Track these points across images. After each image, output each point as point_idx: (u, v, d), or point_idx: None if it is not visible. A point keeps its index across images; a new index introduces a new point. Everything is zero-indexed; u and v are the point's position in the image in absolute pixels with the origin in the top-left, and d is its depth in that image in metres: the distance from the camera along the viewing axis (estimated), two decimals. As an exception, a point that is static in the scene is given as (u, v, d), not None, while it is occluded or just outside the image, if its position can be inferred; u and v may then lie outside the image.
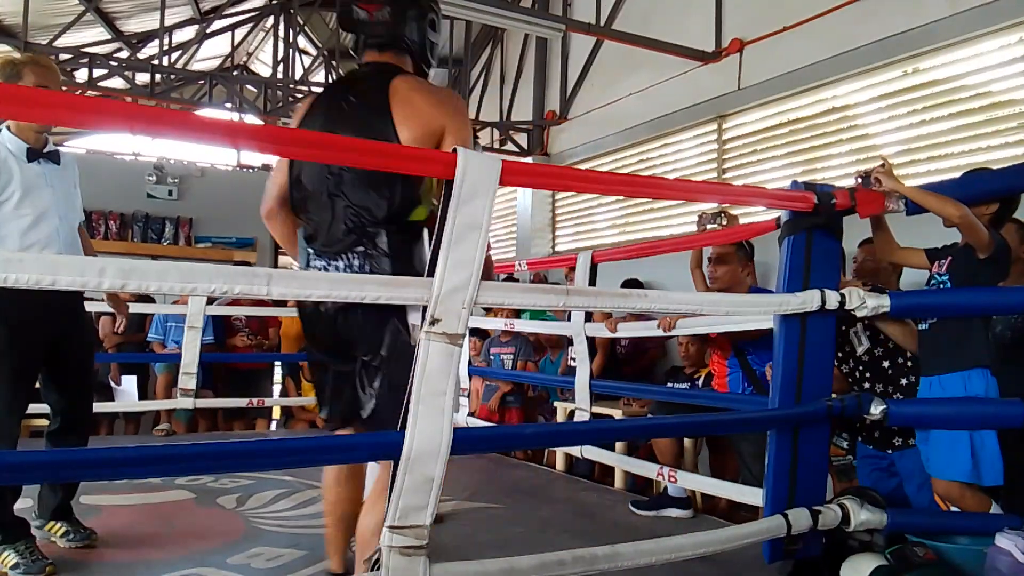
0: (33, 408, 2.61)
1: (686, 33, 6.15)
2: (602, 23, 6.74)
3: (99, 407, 5.10)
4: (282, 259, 10.60)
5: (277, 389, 6.12)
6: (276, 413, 6.10)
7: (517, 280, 5.71)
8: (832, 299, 2.28)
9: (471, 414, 4.78)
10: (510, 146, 9.02)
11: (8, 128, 2.55)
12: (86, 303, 2.87)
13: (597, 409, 3.92)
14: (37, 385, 2.66)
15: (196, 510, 3.08)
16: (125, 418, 5.55)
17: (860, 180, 2.39)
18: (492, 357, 5.23)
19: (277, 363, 6.14)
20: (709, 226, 3.13)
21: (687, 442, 3.65)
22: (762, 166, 5.69)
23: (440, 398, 1.87)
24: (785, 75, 5.36)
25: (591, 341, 3.86)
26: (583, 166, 7.92)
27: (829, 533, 2.26)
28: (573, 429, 2.85)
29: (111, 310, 3.14)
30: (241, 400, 4.96)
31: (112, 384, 5.34)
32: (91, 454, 2.41)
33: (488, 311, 5.04)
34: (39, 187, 2.50)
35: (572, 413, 3.92)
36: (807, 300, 2.25)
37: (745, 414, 2.81)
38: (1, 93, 2.25)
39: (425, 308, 1.84)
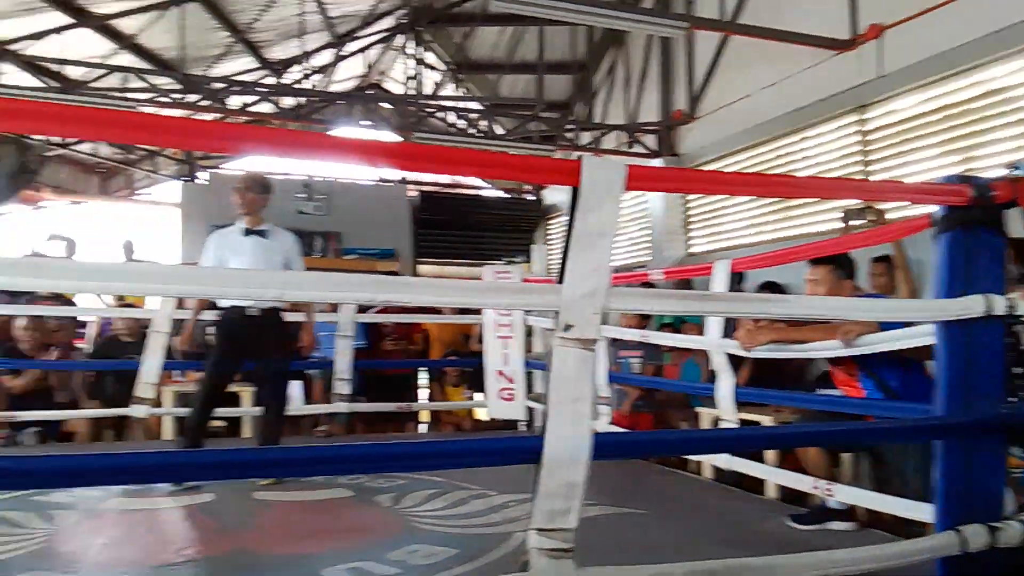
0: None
1: (818, 21, 5.91)
2: (728, 18, 6.59)
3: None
4: (421, 268, 11.04)
5: (424, 394, 6.39)
6: (424, 416, 6.36)
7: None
8: (999, 305, 2.08)
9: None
10: (638, 148, 8.95)
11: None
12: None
13: (744, 415, 3.79)
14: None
15: (356, 507, 3.29)
16: (288, 420, 5.96)
17: (1013, 170, 2.21)
18: (621, 361, 5.23)
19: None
20: (853, 222, 3.00)
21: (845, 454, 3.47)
22: (913, 156, 5.36)
23: (577, 404, 1.91)
24: (932, 58, 5.05)
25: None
26: (715, 165, 7.75)
27: (1012, 552, 2.10)
28: (717, 436, 2.82)
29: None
30: (391, 404, 5.24)
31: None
32: (270, 454, 2.65)
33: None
34: (245, 253, 3.62)
35: (716, 419, 3.82)
36: (968, 307, 2.08)
37: (909, 422, 2.65)
38: (162, 124, 2.55)
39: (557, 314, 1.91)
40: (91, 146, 11.76)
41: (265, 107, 9.89)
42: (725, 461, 3.55)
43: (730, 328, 3.56)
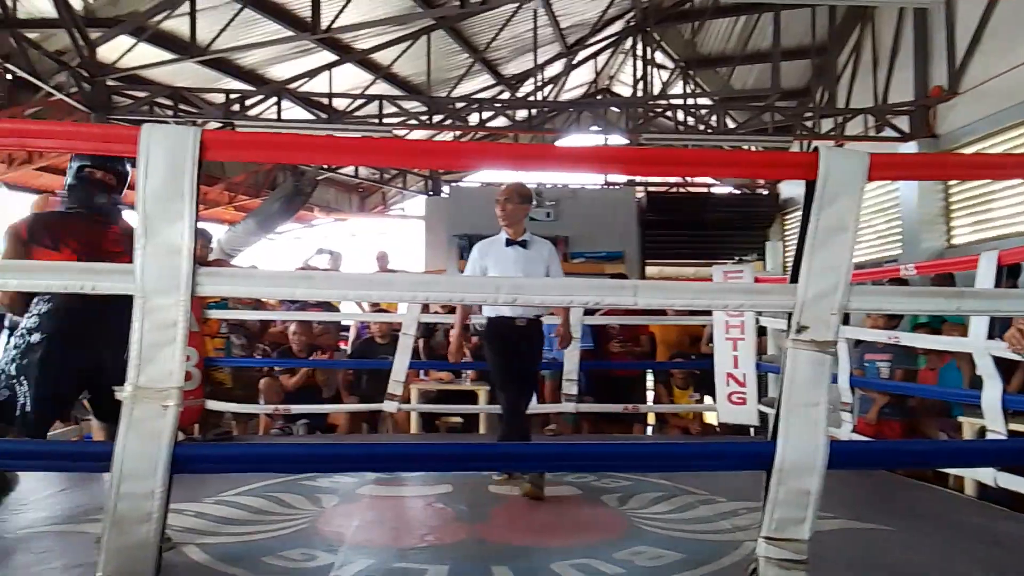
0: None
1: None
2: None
3: (497, 409, 5.81)
4: (649, 269, 10.97)
5: (650, 396, 6.32)
6: (651, 419, 6.30)
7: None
8: None
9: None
10: (889, 132, 8.16)
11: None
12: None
13: (1016, 426, 3.34)
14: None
15: (582, 505, 3.34)
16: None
17: None
18: (866, 365, 4.79)
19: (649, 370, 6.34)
20: None
21: None
22: None
23: (812, 409, 1.80)
24: None
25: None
26: (981, 145, 6.86)
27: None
28: (980, 448, 2.50)
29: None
30: (617, 405, 5.26)
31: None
32: (503, 449, 2.79)
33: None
34: (507, 264, 3.68)
35: (982, 430, 3.39)
36: None
37: None
38: (409, 148, 2.78)
39: (790, 315, 1.80)
40: (352, 168, 13.13)
41: (500, 121, 10.41)
42: (992, 476, 3.13)
43: (1001, 328, 3.12)
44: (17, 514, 2.96)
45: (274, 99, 8.83)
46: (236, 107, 8.63)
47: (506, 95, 11.42)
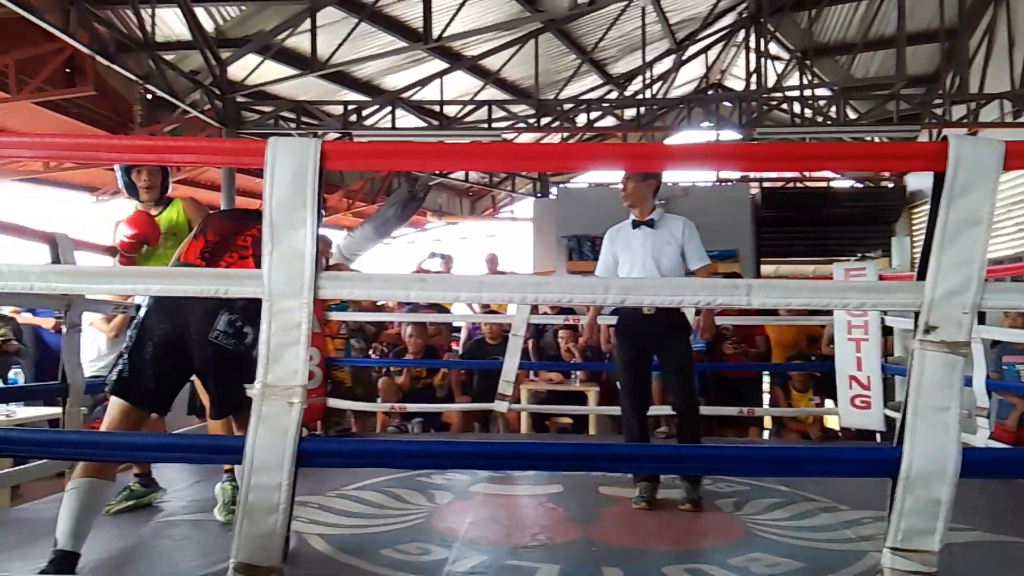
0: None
1: None
2: None
3: (610, 411, 5.78)
4: (765, 268, 10.61)
5: (766, 399, 6.12)
6: (767, 422, 6.10)
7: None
8: None
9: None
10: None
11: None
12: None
13: None
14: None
15: (695, 509, 3.27)
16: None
17: None
18: (1005, 368, 4.45)
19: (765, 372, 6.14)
20: None
21: None
22: None
23: (942, 414, 1.71)
24: None
25: None
26: None
27: None
28: None
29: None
30: (732, 408, 5.12)
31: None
32: (612, 449, 2.78)
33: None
34: (634, 247, 3.48)
35: None
36: None
37: None
38: (518, 151, 2.81)
39: (917, 315, 1.71)
40: (463, 173, 13.40)
41: (608, 121, 10.35)
42: None
43: None
44: (158, 503, 3.20)
45: (388, 108, 9.15)
46: (353, 117, 9.00)
47: (614, 94, 11.34)
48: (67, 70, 7.19)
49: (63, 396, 3.29)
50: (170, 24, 7.43)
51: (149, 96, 7.62)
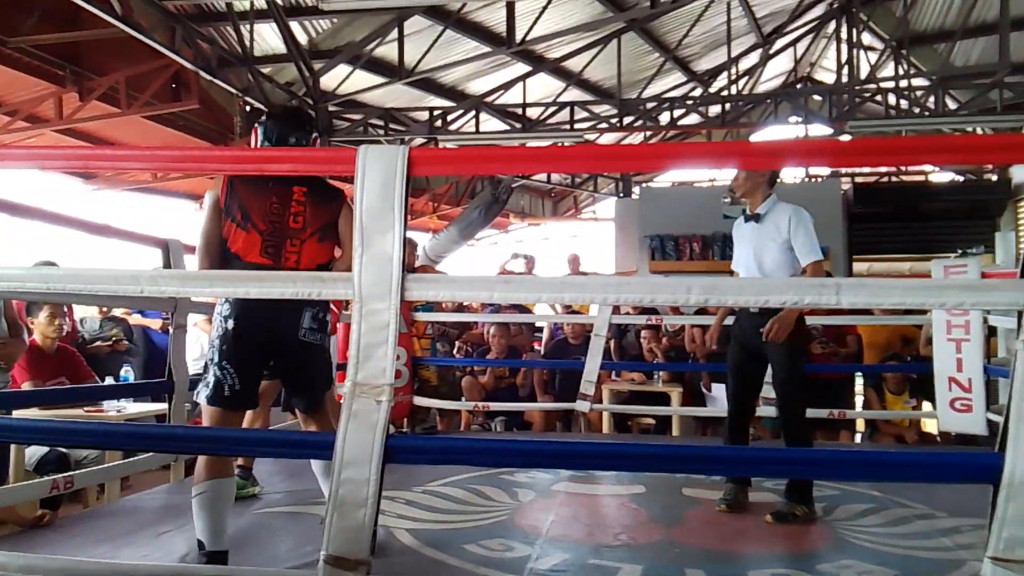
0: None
1: None
2: None
3: (693, 411, 5.72)
4: (857, 266, 10.22)
5: (859, 401, 5.90)
6: (860, 425, 5.88)
7: None
8: None
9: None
10: None
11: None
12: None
13: None
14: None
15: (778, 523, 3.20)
16: (715, 423, 6.05)
17: None
18: None
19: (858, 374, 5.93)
20: None
21: None
22: None
23: (1048, 417, 1.63)
24: None
25: None
26: None
27: None
28: None
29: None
30: (822, 411, 4.97)
31: (704, 391, 5.90)
32: (697, 451, 2.76)
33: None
34: (744, 241, 3.35)
35: None
36: None
37: None
38: (601, 152, 2.78)
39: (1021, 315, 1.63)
40: (545, 175, 13.44)
41: (692, 118, 10.18)
42: None
43: None
44: (254, 496, 3.37)
45: (472, 112, 9.28)
46: (439, 123, 9.17)
47: (698, 92, 11.15)
48: (173, 85, 7.61)
49: (169, 393, 3.51)
50: (267, 39, 7.76)
51: (248, 108, 7.98)
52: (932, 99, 8.52)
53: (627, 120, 9.28)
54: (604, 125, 9.51)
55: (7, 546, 2.41)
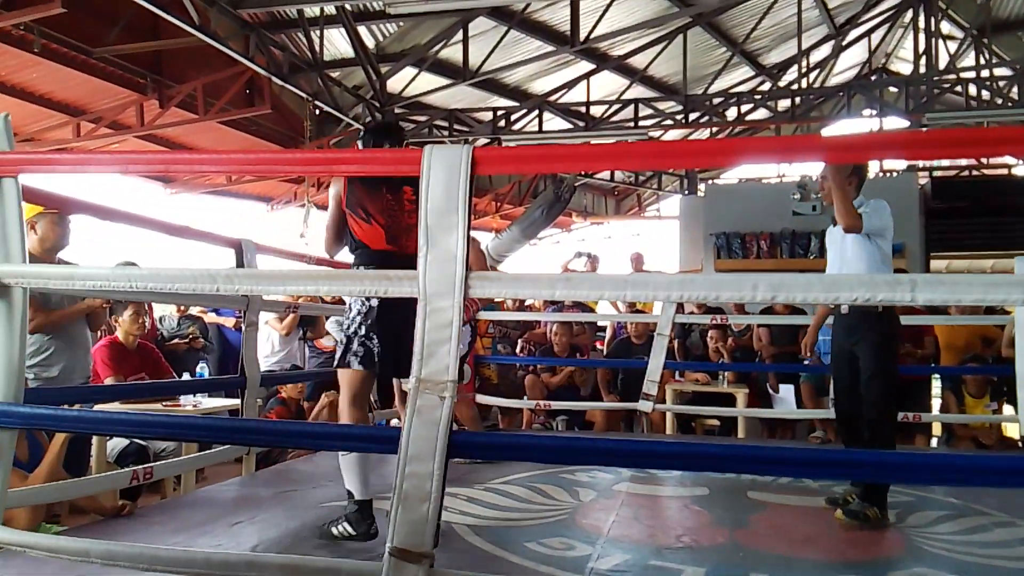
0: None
1: None
2: None
3: (759, 413, 5.61)
4: (935, 263, 9.83)
5: (937, 403, 5.69)
6: (936, 430, 5.67)
7: None
8: None
9: None
10: None
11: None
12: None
13: None
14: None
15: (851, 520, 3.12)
16: (781, 425, 5.92)
17: None
18: None
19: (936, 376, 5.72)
20: None
21: None
22: None
23: None
24: None
25: None
26: None
27: None
28: None
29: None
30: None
31: (771, 392, 5.78)
32: (756, 452, 2.71)
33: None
34: (833, 245, 3.37)
35: None
36: None
37: None
38: (667, 149, 2.74)
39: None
40: (608, 173, 13.36)
41: (761, 113, 9.98)
42: None
43: None
44: (321, 488, 3.46)
45: (536, 112, 9.30)
46: (502, 123, 9.23)
47: (767, 86, 10.91)
48: (247, 91, 7.88)
49: (242, 388, 3.64)
50: (336, 44, 7.96)
51: (318, 112, 8.20)
52: (1016, 89, 8.14)
53: (692, 116, 9.15)
54: (669, 122, 9.40)
55: (89, 534, 2.54)
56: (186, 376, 4.88)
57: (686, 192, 12.65)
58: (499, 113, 9.27)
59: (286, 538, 2.69)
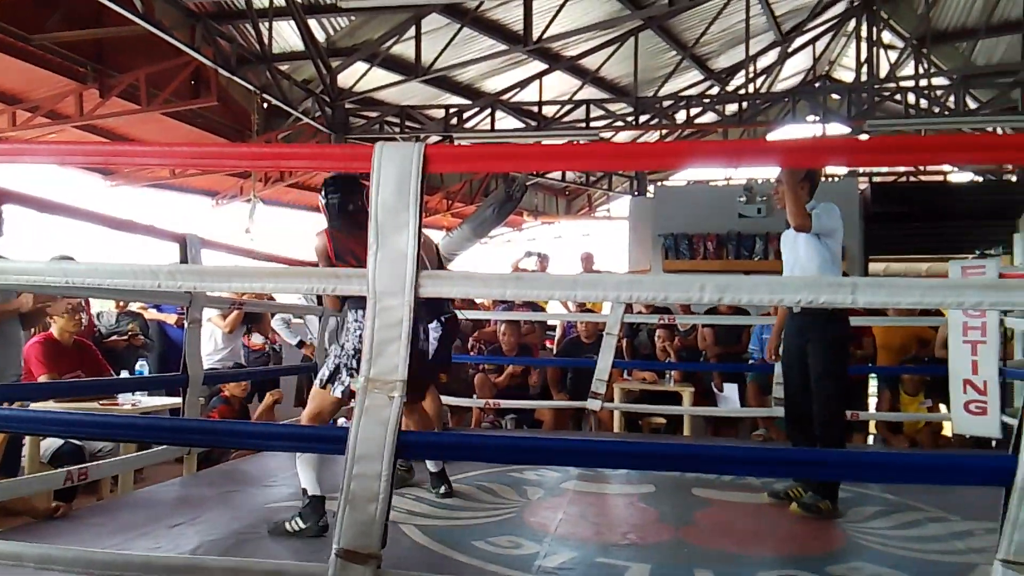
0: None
1: None
2: None
3: (704, 411, 5.71)
4: (873, 266, 10.14)
5: (872, 403, 5.86)
6: (872, 427, 5.85)
7: None
8: None
9: None
10: None
11: None
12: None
13: None
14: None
15: (792, 515, 3.19)
16: (725, 423, 6.03)
17: None
18: None
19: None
20: None
21: None
22: None
23: (1065, 421, 1.62)
24: None
25: None
26: None
27: None
28: None
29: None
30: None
31: (716, 391, 5.89)
32: (707, 451, 2.76)
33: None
34: (787, 249, 3.44)
35: None
36: None
37: None
38: (617, 151, 2.75)
39: None
40: (559, 173, 13.42)
41: (709, 117, 10.14)
42: None
43: None
44: (267, 488, 3.40)
45: (488, 111, 9.29)
46: (454, 120, 9.19)
47: (715, 90, 11.10)
48: (192, 83, 7.68)
49: (184, 386, 3.55)
50: (285, 37, 7.81)
51: (265, 105, 8.03)
52: (953, 98, 8.44)
53: (643, 118, 9.26)
54: (620, 123, 9.49)
55: (22, 537, 2.44)
56: (125, 374, 4.73)
57: (636, 193, 12.81)
58: (451, 111, 9.24)
59: (229, 540, 2.63)
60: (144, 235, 3.36)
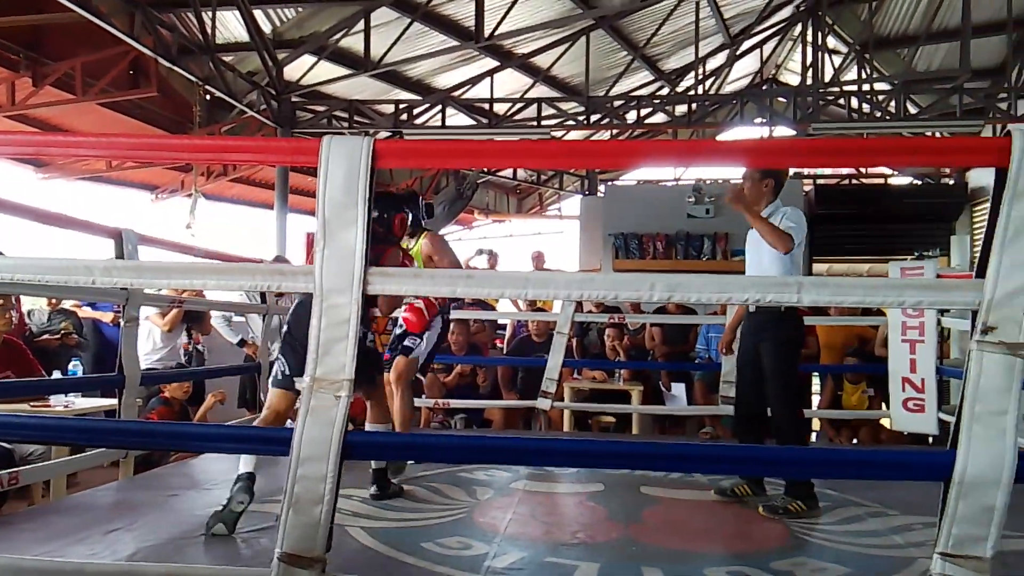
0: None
1: None
2: None
3: (653, 410, 5.75)
4: (817, 267, 10.39)
5: (816, 399, 6.00)
6: (815, 424, 5.98)
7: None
8: None
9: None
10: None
11: None
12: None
13: None
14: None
15: (739, 512, 3.24)
16: (673, 421, 6.10)
17: None
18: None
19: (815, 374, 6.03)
20: None
21: None
22: None
23: (999, 418, 1.67)
24: None
25: None
26: None
27: None
28: None
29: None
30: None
31: (664, 389, 5.94)
32: (655, 448, 2.77)
33: None
34: (750, 246, 3.43)
35: None
36: None
37: None
38: (568, 149, 2.74)
39: (975, 314, 1.66)
40: (510, 171, 13.41)
41: (659, 117, 10.25)
42: None
43: None
44: (208, 492, 3.30)
45: (439, 107, 9.22)
46: (404, 116, 9.10)
47: (665, 91, 11.23)
48: (131, 72, 7.44)
49: (120, 387, 3.42)
50: (230, 27, 7.62)
51: (208, 97, 7.83)
52: (894, 103, 8.69)
53: (594, 118, 9.30)
54: (571, 122, 9.52)
55: (-53, 544, 2.32)
56: (57, 374, 4.55)
57: (586, 192, 12.88)
58: (401, 106, 9.14)
59: (167, 545, 2.54)
60: (78, 230, 3.22)
